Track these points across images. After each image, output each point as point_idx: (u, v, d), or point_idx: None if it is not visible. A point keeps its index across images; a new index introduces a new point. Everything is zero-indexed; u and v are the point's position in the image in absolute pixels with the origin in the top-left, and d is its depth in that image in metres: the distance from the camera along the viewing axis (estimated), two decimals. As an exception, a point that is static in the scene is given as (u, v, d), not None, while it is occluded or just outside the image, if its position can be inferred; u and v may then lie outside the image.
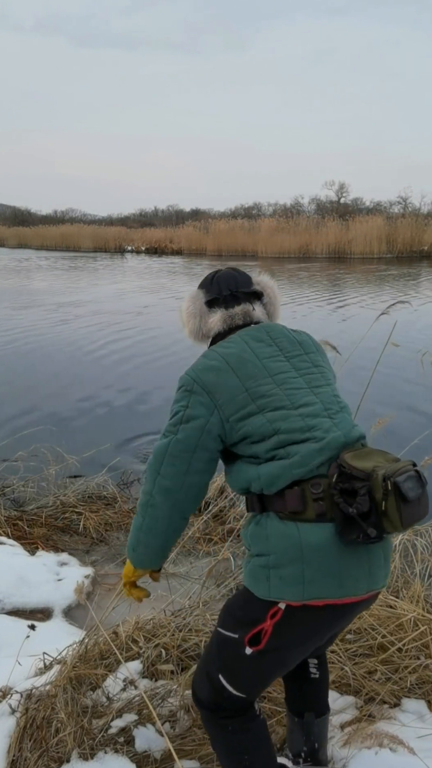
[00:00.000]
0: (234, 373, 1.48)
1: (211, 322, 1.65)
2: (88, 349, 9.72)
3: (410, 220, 32.92)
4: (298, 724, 1.71)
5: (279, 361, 1.52)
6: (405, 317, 11.19)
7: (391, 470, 1.28)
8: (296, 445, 1.39)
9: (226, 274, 1.71)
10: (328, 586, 1.33)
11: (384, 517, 1.28)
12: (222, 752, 1.55)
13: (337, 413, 1.48)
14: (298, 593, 1.33)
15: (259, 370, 1.49)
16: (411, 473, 1.30)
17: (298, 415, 1.43)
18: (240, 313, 1.64)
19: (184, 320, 1.69)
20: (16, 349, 9.68)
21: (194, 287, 1.74)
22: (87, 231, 44.96)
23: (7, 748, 1.84)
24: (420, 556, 2.79)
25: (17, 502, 4.13)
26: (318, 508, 1.34)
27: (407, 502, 1.26)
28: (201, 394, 1.48)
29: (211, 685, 1.50)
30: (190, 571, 3.19)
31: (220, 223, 37.73)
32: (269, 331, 1.59)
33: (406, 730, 1.90)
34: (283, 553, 1.35)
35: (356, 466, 1.32)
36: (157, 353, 9.42)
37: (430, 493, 1.34)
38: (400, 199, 52.99)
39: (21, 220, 64.94)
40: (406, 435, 5.23)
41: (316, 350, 1.63)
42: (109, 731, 1.85)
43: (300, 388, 1.48)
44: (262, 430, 1.42)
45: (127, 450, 5.25)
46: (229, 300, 1.66)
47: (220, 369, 1.49)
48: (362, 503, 1.28)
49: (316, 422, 1.43)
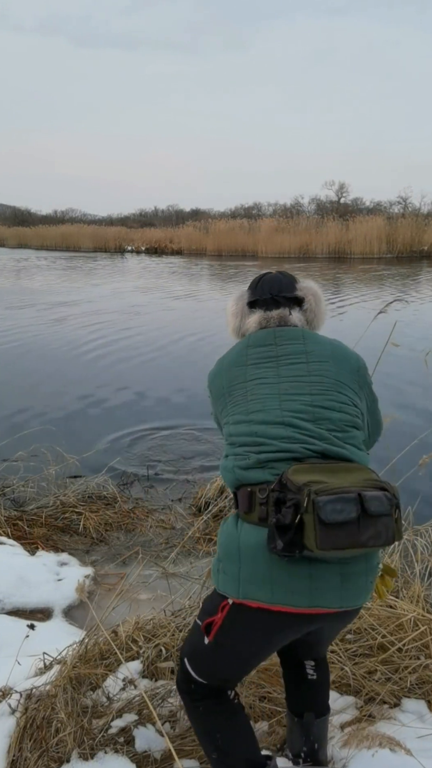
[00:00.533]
0: (223, 377, 1.61)
1: (248, 323, 1.69)
2: (83, 348, 9.70)
3: (410, 220, 32.90)
4: (298, 724, 1.71)
5: (264, 367, 1.55)
6: (405, 317, 11.20)
7: (322, 488, 1.24)
8: (243, 447, 1.48)
9: (271, 277, 1.74)
10: (260, 590, 1.36)
11: (304, 534, 1.25)
12: (197, 733, 1.60)
13: (301, 421, 1.44)
14: (235, 590, 1.40)
15: (240, 374, 1.56)
16: (346, 495, 1.23)
17: (248, 422, 1.49)
18: (276, 317, 1.66)
19: (228, 319, 1.75)
20: (11, 349, 9.66)
21: (241, 288, 1.81)
22: (87, 231, 44.94)
23: (7, 748, 1.84)
24: (420, 556, 2.79)
25: (17, 502, 4.13)
26: (261, 512, 1.37)
27: (326, 524, 1.21)
28: (210, 392, 1.68)
29: (180, 668, 1.60)
30: (190, 571, 3.19)
31: (220, 223, 37.72)
32: (280, 335, 1.60)
33: (406, 730, 1.90)
34: (227, 550, 1.44)
35: (291, 478, 1.30)
36: (153, 353, 9.42)
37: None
38: (400, 199, 53.02)
39: (21, 220, 64.91)
40: (406, 434, 5.23)
41: (330, 360, 1.55)
42: (109, 731, 1.85)
43: (266, 395, 1.50)
44: (227, 430, 1.56)
45: (126, 450, 5.25)
46: (269, 303, 1.69)
47: (216, 374, 1.65)
48: (285, 515, 1.27)
49: (262, 429, 1.46)
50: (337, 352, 1.59)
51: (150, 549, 3.52)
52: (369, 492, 1.26)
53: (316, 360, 1.55)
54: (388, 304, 3.27)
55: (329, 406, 1.48)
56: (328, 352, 1.57)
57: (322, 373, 1.53)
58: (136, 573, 3.07)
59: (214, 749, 1.54)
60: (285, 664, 1.76)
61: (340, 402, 1.50)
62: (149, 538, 3.69)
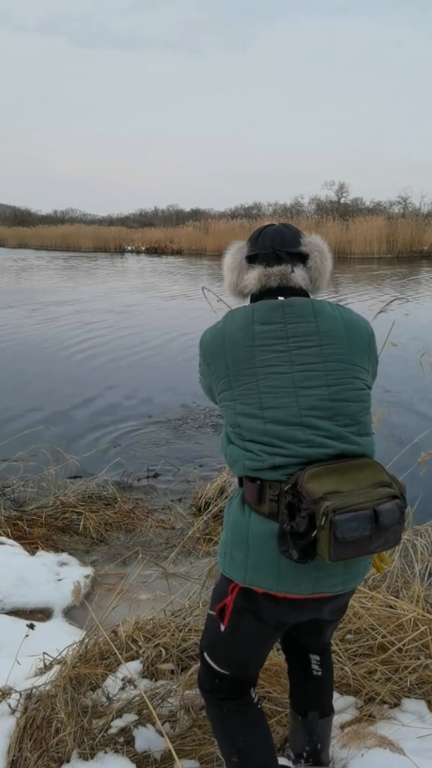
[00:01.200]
0: (225, 352, 1.46)
1: (247, 279, 1.55)
2: (76, 348, 9.70)
3: (410, 220, 32.89)
4: (302, 724, 1.71)
5: (275, 351, 1.41)
6: (405, 317, 11.20)
7: (339, 505, 1.23)
8: (253, 443, 1.40)
9: (273, 230, 1.58)
10: (267, 578, 1.38)
11: (318, 545, 1.26)
12: (219, 734, 1.60)
13: (318, 420, 1.37)
14: (241, 577, 1.41)
15: (248, 357, 1.42)
16: (362, 513, 1.23)
17: (261, 419, 1.39)
18: (276, 274, 1.51)
19: (224, 274, 1.61)
20: (5, 349, 9.65)
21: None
22: (87, 231, 44.92)
23: (7, 748, 1.84)
24: (420, 556, 2.79)
25: (17, 502, 4.13)
26: (271, 507, 1.36)
27: (339, 541, 1.22)
28: (204, 360, 1.54)
29: (202, 664, 1.60)
30: (190, 571, 3.19)
31: (220, 223, 37.72)
32: (289, 311, 1.44)
33: (406, 730, 1.90)
34: (234, 535, 1.43)
35: (308, 488, 1.27)
36: (146, 352, 9.43)
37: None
38: (400, 199, 52.95)
39: (21, 220, 64.88)
40: (407, 434, 5.24)
41: (343, 340, 1.44)
42: (109, 731, 1.85)
43: (280, 387, 1.39)
44: (231, 417, 1.45)
45: (126, 450, 5.25)
46: (270, 258, 1.53)
47: (217, 343, 1.48)
48: (299, 524, 1.27)
49: (278, 430, 1.37)
50: (349, 327, 1.46)
51: (150, 549, 3.52)
52: (383, 506, 1.26)
53: (329, 342, 1.42)
54: (388, 303, 3.28)
55: (346, 397, 1.41)
56: (340, 330, 1.44)
57: (337, 358, 1.42)
58: (136, 573, 3.07)
59: (235, 752, 1.53)
60: (290, 659, 1.76)
61: (356, 389, 1.43)
62: (149, 538, 3.69)
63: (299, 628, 1.62)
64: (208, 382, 1.56)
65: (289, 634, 1.70)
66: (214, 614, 1.53)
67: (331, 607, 1.51)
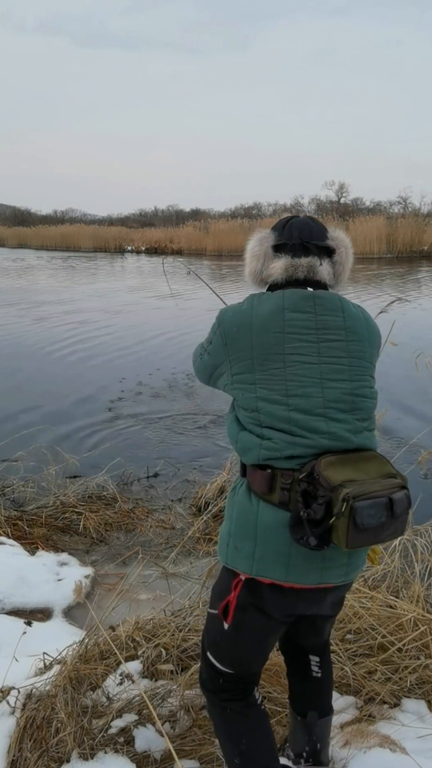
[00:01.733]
0: (251, 334, 1.43)
1: (272, 268, 1.53)
2: (63, 347, 9.69)
3: (410, 220, 32.90)
4: (301, 724, 1.71)
5: (304, 341, 1.41)
6: (404, 317, 11.20)
7: (358, 492, 1.25)
8: (272, 431, 1.39)
9: (301, 221, 1.57)
10: (275, 569, 1.38)
11: (333, 532, 1.27)
12: (222, 736, 1.59)
13: (339, 413, 1.40)
14: (248, 567, 1.40)
15: (277, 342, 1.41)
16: (379, 500, 1.26)
17: (286, 405, 1.38)
18: (305, 266, 1.51)
19: (246, 260, 1.60)
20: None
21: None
22: (87, 231, 44.92)
23: (7, 748, 1.84)
24: (420, 556, 2.79)
25: (17, 502, 4.13)
26: (283, 496, 1.36)
27: (359, 528, 1.24)
28: (221, 338, 1.50)
29: (205, 664, 1.59)
30: (190, 571, 3.19)
31: (220, 223, 37.73)
32: (319, 303, 1.45)
33: (406, 730, 1.90)
34: (241, 525, 1.42)
35: (325, 475, 1.29)
36: (144, 351, 9.43)
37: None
38: (400, 199, 52.99)
39: (21, 220, 64.91)
40: (406, 434, 5.24)
41: (365, 339, 1.48)
42: (109, 731, 1.85)
43: (307, 377, 1.39)
44: (248, 401, 1.43)
45: (126, 450, 5.24)
46: (297, 249, 1.53)
47: (241, 324, 1.46)
48: (316, 511, 1.28)
49: (302, 419, 1.37)
50: (369, 328, 1.50)
51: (150, 549, 3.52)
52: (396, 495, 1.29)
53: (354, 339, 1.45)
54: (389, 303, 3.28)
55: (364, 393, 1.44)
56: (363, 330, 1.48)
57: (360, 355, 1.46)
58: (136, 573, 3.07)
59: (237, 754, 1.52)
60: (290, 660, 1.76)
61: (370, 387, 1.48)
62: (149, 538, 3.69)
63: (298, 626, 1.62)
64: (217, 361, 1.53)
65: (288, 635, 1.70)
66: (216, 612, 1.52)
67: (332, 598, 1.52)
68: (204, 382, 1.67)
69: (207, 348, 1.58)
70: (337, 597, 1.54)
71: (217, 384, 1.60)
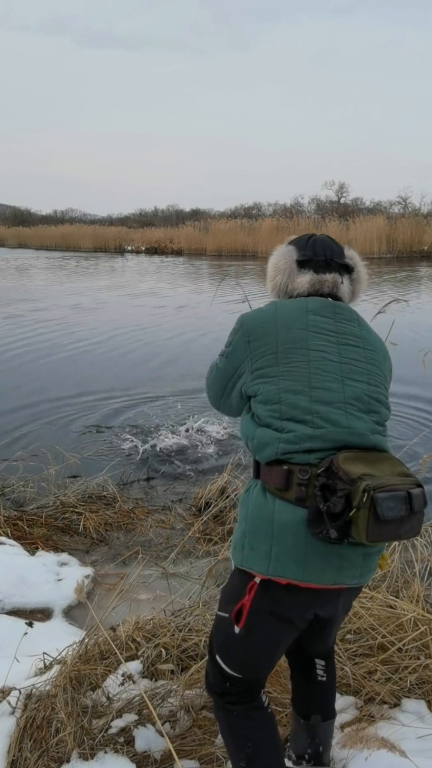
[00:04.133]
0: (276, 330, 1.50)
1: (298, 282, 1.61)
2: (74, 347, 9.69)
3: (410, 220, 32.89)
4: (304, 727, 1.70)
5: (326, 341, 1.48)
6: (404, 317, 11.20)
7: (378, 484, 1.26)
8: (293, 423, 1.41)
9: (322, 239, 1.67)
10: (292, 568, 1.38)
11: (353, 525, 1.28)
12: (227, 739, 1.58)
13: (358, 411, 1.43)
14: (264, 567, 1.40)
15: (301, 338, 1.47)
16: (399, 493, 1.27)
17: (308, 396, 1.42)
18: (330, 282, 1.60)
19: (270, 274, 1.66)
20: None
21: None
22: (87, 231, 44.90)
23: (7, 748, 1.84)
24: (420, 556, 2.79)
25: (17, 502, 4.13)
26: (299, 492, 1.37)
27: (379, 520, 1.25)
28: (243, 336, 1.55)
29: (213, 667, 1.58)
30: (190, 571, 3.19)
31: (220, 223, 37.71)
32: (339, 311, 1.55)
33: (406, 731, 1.90)
34: (256, 525, 1.42)
35: (344, 468, 1.31)
36: (141, 350, 9.42)
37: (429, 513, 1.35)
38: (400, 199, 52.97)
39: (21, 220, 64.88)
40: (407, 435, 5.24)
41: (379, 352, 1.56)
42: (109, 731, 1.85)
43: (329, 372, 1.45)
44: (270, 394, 1.45)
45: (126, 449, 5.24)
46: (321, 265, 1.61)
47: (266, 321, 1.53)
48: (336, 504, 1.28)
49: (323, 410, 1.40)
50: (382, 346, 1.59)
51: (150, 549, 3.53)
52: (414, 490, 1.30)
53: (370, 348, 1.53)
54: (387, 304, 3.28)
55: (379, 399, 1.49)
56: (378, 344, 1.57)
57: (375, 363, 1.53)
58: (136, 573, 3.07)
59: (244, 757, 1.52)
60: (295, 664, 1.75)
61: (384, 396, 1.53)
62: (149, 538, 3.69)
63: (308, 631, 1.60)
64: (236, 363, 1.56)
65: (297, 640, 1.69)
66: (227, 616, 1.50)
67: (345, 600, 1.52)
68: (217, 398, 1.68)
69: (224, 353, 1.61)
70: (348, 600, 1.54)
71: (232, 393, 1.60)
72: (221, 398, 1.65)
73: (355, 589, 1.51)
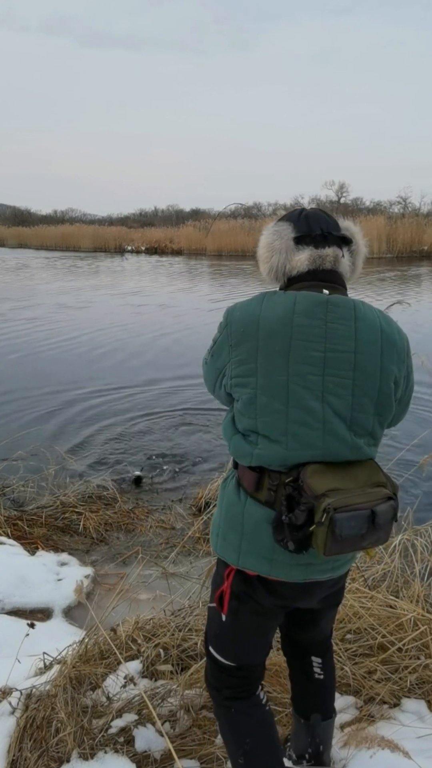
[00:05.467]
0: (258, 341, 1.38)
1: (296, 260, 1.46)
2: (67, 346, 9.71)
3: (410, 220, 32.90)
4: (304, 726, 1.71)
5: (311, 350, 1.36)
6: (404, 317, 11.19)
7: (339, 504, 1.25)
8: (267, 441, 1.38)
9: (315, 212, 1.52)
10: (260, 563, 1.41)
11: (313, 538, 1.28)
12: (226, 735, 1.59)
13: (339, 428, 1.36)
14: (235, 559, 1.44)
15: (283, 350, 1.36)
16: (360, 513, 1.26)
17: (285, 416, 1.36)
18: (331, 256, 1.46)
19: (264, 256, 1.50)
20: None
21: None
22: (87, 231, 44.88)
23: (7, 748, 1.84)
24: (420, 556, 2.79)
25: (17, 502, 4.13)
26: (268, 495, 1.38)
27: (336, 538, 1.25)
28: (227, 339, 1.45)
29: (208, 659, 1.60)
30: (190, 571, 3.19)
31: (220, 223, 37.68)
32: (332, 310, 1.38)
33: (405, 730, 1.90)
34: (228, 518, 1.46)
35: (309, 483, 1.29)
36: (141, 351, 9.43)
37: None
38: (400, 199, 52.96)
39: (21, 220, 64.86)
40: (407, 434, 5.23)
41: (377, 352, 1.39)
42: (109, 731, 1.85)
43: (309, 389, 1.35)
44: (248, 405, 1.40)
45: (126, 449, 5.24)
46: (319, 240, 1.46)
47: (249, 324, 1.41)
48: (298, 517, 1.29)
49: (300, 431, 1.35)
50: (386, 338, 1.41)
51: (150, 549, 3.53)
52: (380, 507, 1.29)
53: (364, 350, 1.38)
54: (389, 306, 3.28)
55: (367, 409, 1.39)
56: (376, 338, 1.40)
57: (368, 368, 1.38)
58: (135, 573, 3.07)
59: (241, 754, 1.52)
60: (292, 661, 1.75)
61: (379, 402, 1.41)
62: (149, 538, 3.69)
63: (294, 619, 1.63)
64: (219, 364, 1.49)
65: (287, 632, 1.71)
66: (214, 605, 1.54)
67: (324, 592, 1.52)
68: (210, 391, 1.62)
69: (212, 350, 1.54)
70: (327, 591, 1.54)
71: (221, 390, 1.54)
72: (213, 392, 1.61)
73: (332, 580, 1.50)
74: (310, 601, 1.53)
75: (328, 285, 1.44)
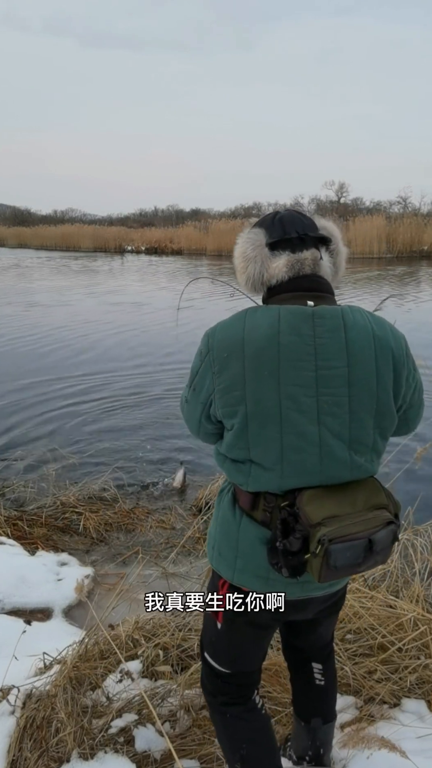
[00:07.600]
0: (244, 363, 1.28)
1: (274, 268, 1.37)
2: (66, 345, 9.70)
3: (410, 220, 32.89)
4: (305, 729, 1.70)
5: (302, 369, 1.27)
6: (404, 317, 11.20)
7: (335, 534, 1.19)
8: (261, 469, 1.31)
9: (289, 214, 1.43)
10: (254, 581, 1.37)
11: (308, 565, 1.25)
12: (223, 741, 1.58)
13: (337, 448, 1.29)
14: (230, 574, 1.41)
15: (271, 373, 1.26)
16: (357, 543, 1.21)
17: (279, 444, 1.27)
18: (310, 259, 1.37)
19: (240, 266, 1.42)
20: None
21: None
22: (87, 231, 44.91)
23: (7, 748, 1.84)
24: (420, 556, 2.79)
25: (17, 502, 4.13)
26: (264, 516, 1.33)
27: (332, 568, 1.21)
28: (209, 367, 1.34)
29: (204, 666, 1.58)
30: (189, 571, 3.19)
31: (220, 223, 37.71)
32: (319, 323, 1.28)
33: (406, 730, 1.90)
34: (223, 534, 1.42)
35: (306, 510, 1.24)
36: (140, 350, 9.43)
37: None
38: (400, 199, 52.96)
39: (21, 220, 64.89)
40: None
41: (371, 359, 1.30)
42: (109, 731, 1.85)
43: (304, 412, 1.27)
44: (238, 438, 1.32)
45: (126, 449, 5.24)
46: (296, 243, 1.38)
47: (232, 349, 1.30)
48: (293, 543, 1.24)
49: (295, 458, 1.28)
50: (379, 343, 1.31)
51: (150, 549, 3.53)
52: (378, 534, 1.24)
53: (357, 361, 1.29)
54: (382, 301, 3.29)
55: (366, 424, 1.31)
56: (369, 344, 1.30)
57: (364, 381, 1.29)
58: (135, 573, 3.07)
59: (239, 759, 1.51)
60: (292, 668, 1.74)
61: (379, 413, 1.32)
62: (149, 538, 3.69)
63: (292, 628, 1.62)
64: (205, 397, 1.37)
65: (286, 639, 1.69)
66: (208, 613, 1.52)
67: (320, 605, 1.50)
68: (194, 431, 1.49)
69: (192, 383, 1.41)
70: (324, 604, 1.51)
71: (208, 425, 1.42)
72: (198, 431, 1.47)
73: (332, 594, 1.47)
74: (305, 614, 1.50)
75: (312, 295, 1.34)
